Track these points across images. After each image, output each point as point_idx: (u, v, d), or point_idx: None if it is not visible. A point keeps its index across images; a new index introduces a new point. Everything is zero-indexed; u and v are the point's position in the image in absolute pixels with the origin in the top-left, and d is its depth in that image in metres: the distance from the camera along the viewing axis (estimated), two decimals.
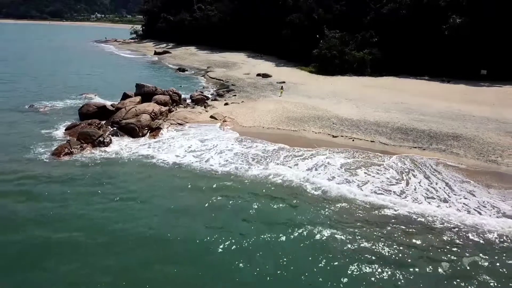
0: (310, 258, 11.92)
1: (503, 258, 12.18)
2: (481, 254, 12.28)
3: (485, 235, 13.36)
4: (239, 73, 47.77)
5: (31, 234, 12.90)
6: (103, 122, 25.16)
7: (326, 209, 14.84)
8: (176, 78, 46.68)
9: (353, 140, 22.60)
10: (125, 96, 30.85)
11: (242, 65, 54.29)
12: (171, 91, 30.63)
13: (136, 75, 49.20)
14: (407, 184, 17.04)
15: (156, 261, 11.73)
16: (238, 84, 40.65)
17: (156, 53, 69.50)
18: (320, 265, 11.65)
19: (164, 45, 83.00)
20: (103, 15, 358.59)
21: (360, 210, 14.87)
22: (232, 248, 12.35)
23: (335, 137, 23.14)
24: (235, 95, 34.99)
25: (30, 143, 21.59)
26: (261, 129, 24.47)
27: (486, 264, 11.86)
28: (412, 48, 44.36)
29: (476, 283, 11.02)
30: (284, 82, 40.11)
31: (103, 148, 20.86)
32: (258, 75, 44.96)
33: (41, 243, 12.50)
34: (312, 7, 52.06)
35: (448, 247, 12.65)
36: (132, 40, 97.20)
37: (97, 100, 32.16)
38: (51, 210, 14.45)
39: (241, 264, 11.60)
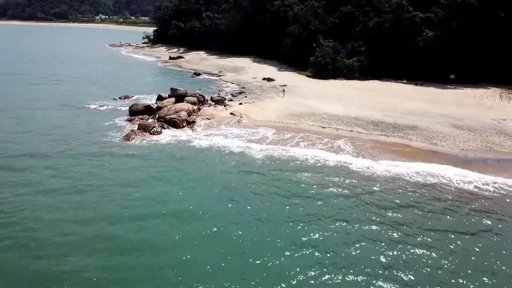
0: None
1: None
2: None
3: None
4: (247, 77, 56.02)
5: (122, 195, 20.82)
6: (150, 117, 33.50)
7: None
8: (193, 81, 54.82)
9: (337, 130, 30.86)
10: (160, 97, 39.11)
11: (249, 70, 62.53)
12: (197, 93, 38.91)
13: (158, 79, 57.59)
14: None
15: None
16: (248, 87, 48.92)
17: (171, 58, 77.70)
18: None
19: (176, 49, 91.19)
20: (106, 17, 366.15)
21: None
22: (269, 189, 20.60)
23: (324, 128, 31.41)
24: (246, 97, 43.24)
25: (102, 132, 29.86)
26: (270, 123, 32.72)
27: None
28: (393, 56, 52.61)
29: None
30: (285, 85, 48.33)
31: (157, 135, 29.13)
32: (264, 79, 53.20)
33: (126, 200, 20.24)
34: (309, 19, 60.19)
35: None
36: (145, 45, 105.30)
37: (132, 100, 40.36)
38: (130, 176, 22.21)
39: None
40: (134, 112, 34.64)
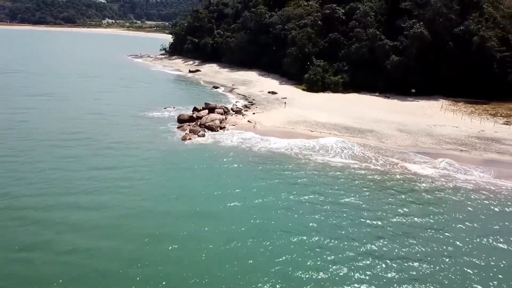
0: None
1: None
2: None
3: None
4: (255, 90, 71.45)
5: (188, 180, 36.27)
6: (194, 123, 48.88)
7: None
8: (213, 94, 70.07)
9: (320, 133, 46.27)
10: (195, 109, 54.47)
11: (256, 83, 78.00)
12: (223, 106, 54.38)
13: (186, 91, 72.96)
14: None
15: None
16: (257, 99, 64.35)
17: (190, 71, 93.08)
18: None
19: (191, 62, 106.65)
20: (113, 21, 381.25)
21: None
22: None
23: (312, 131, 46.83)
24: (257, 107, 58.65)
25: (161, 135, 44.98)
26: (275, 128, 48.03)
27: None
28: (369, 74, 68.09)
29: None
30: (286, 97, 63.77)
31: (203, 137, 44.48)
32: (269, 92, 68.60)
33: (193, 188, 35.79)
34: (304, 43, 75.60)
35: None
36: (163, 56, 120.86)
37: (174, 110, 55.49)
38: (192, 164, 37.66)
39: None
40: (181, 120, 50.00)
